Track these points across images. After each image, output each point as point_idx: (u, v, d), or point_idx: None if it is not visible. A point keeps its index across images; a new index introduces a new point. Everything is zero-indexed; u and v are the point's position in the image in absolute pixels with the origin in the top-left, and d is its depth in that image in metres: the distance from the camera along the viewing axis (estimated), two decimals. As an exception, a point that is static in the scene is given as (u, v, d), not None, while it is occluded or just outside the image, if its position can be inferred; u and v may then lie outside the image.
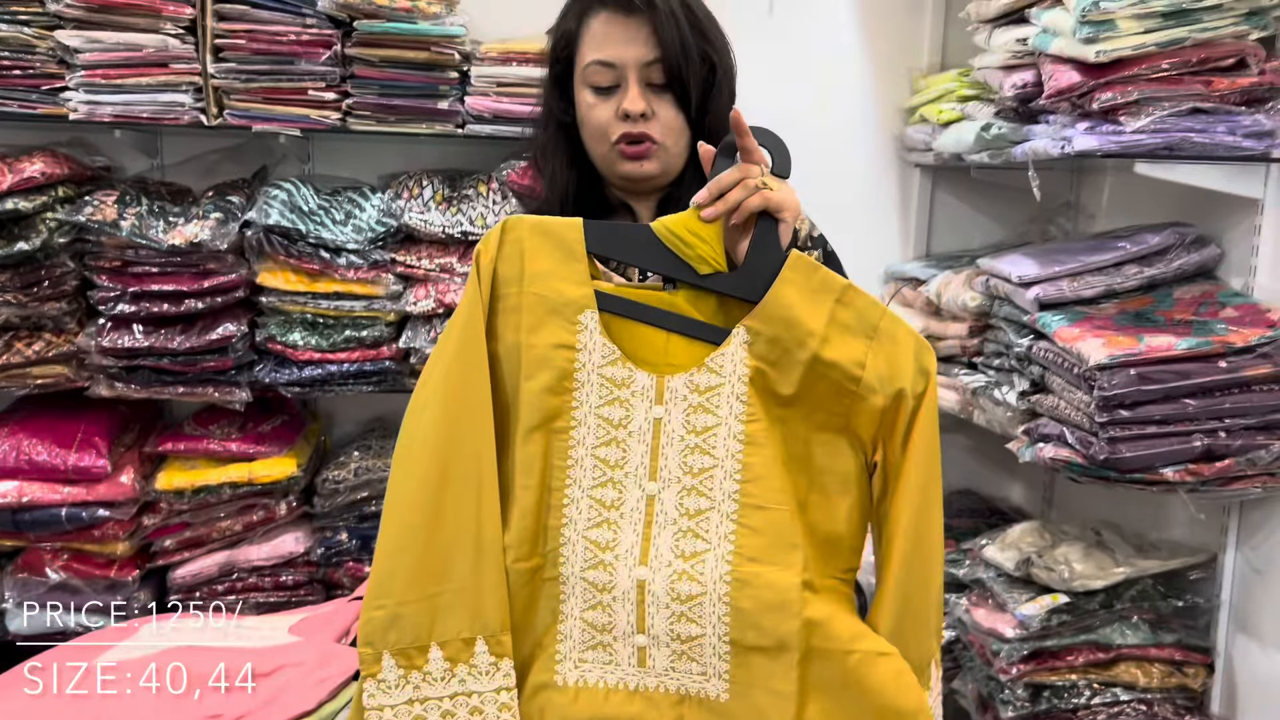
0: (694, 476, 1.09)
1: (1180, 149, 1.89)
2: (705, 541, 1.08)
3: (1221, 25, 1.87)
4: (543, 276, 1.10)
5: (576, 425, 1.10)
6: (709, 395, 1.09)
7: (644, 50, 1.27)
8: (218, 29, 2.22)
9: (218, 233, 2.19)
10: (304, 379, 2.31)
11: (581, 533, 1.10)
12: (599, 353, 1.10)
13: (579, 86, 1.33)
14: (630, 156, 1.31)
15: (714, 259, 1.11)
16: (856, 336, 1.08)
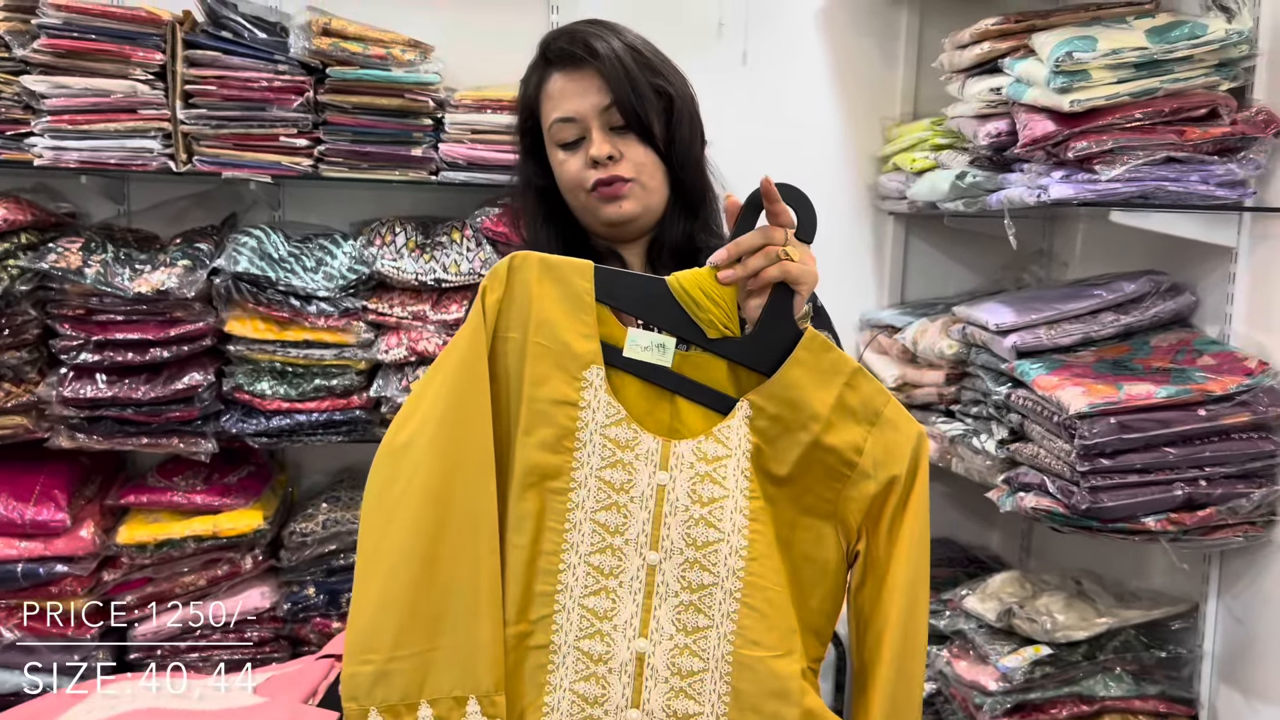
0: (697, 549, 1.05)
1: (1155, 198, 1.90)
2: (708, 618, 1.05)
3: (1192, 76, 1.90)
4: (549, 325, 1.07)
5: (576, 487, 1.06)
6: (716, 466, 1.06)
7: (599, 98, 1.30)
8: (188, 75, 2.19)
9: (185, 280, 2.14)
10: (272, 429, 2.26)
11: (578, 600, 1.05)
12: (603, 412, 1.06)
13: (550, 148, 1.36)
14: (607, 198, 1.32)
15: (726, 323, 1.09)
16: (859, 422, 1.07)
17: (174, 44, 2.18)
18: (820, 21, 2.76)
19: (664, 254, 1.38)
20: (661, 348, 1.09)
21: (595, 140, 1.31)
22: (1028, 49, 2.04)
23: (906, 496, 1.07)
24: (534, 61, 1.39)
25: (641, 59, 1.33)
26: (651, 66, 1.34)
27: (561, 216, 1.40)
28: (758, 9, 2.70)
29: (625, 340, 1.08)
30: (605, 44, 1.32)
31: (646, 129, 1.31)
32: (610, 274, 1.09)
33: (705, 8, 2.67)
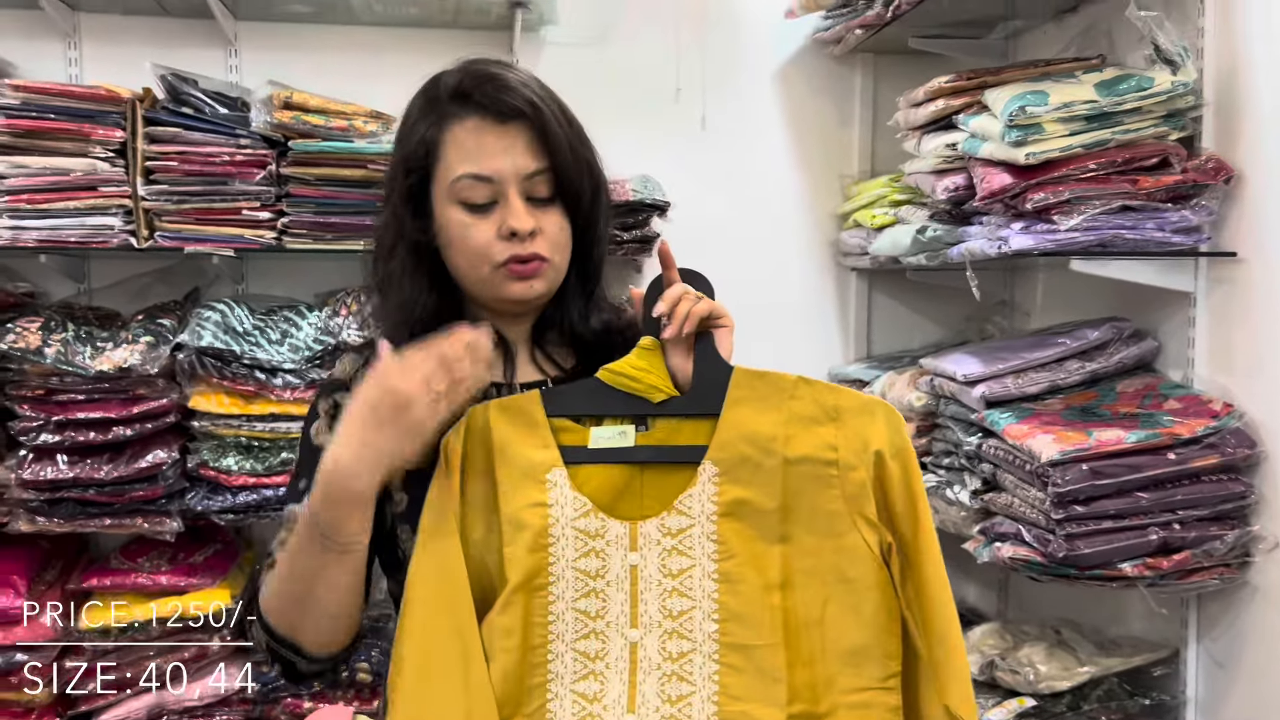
0: (674, 620, 1.07)
1: (1113, 245, 1.93)
2: (690, 684, 1.06)
3: (1142, 127, 1.94)
4: (509, 446, 1.10)
5: (555, 580, 1.08)
6: (680, 537, 1.08)
7: (525, 160, 1.14)
8: (149, 151, 2.19)
9: (148, 357, 2.12)
10: (238, 505, 2.22)
11: (569, 686, 1.07)
12: (570, 506, 1.08)
13: (444, 203, 1.15)
14: (520, 277, 1.16)
15: (663, 385, 1.11)
16: (820, 424, 1.08)
17: (134, 121, 2.18)
18: (776, 84, 2.81)
19: (550, 332, 1.26)
20: (622, 434, 1.12)
21: (515, 210, 1.13)
22: (981, 105, 2.08)
23: (901, 466, 1.07)
24: (435, 97, 1.17)
25: (574, 124, 1.19)
26: (582, 137, 1.20)
27: (441, 281, 1.21)
28: (714, 74, 2.74)
29: (589, 439, 1.12)
30: (539, 99, 1.15)
31: (575, 204, 1.18)
32: (553, 392, 1.13)
33: (663, 74, 2.71)
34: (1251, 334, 1.91)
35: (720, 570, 1.07)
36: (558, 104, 1.18)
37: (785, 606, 1.07)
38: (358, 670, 2.27)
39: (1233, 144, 1.93)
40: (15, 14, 2.38)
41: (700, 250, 2.55)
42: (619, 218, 2.41)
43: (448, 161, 1.15)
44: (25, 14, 2.36)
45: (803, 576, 1.07)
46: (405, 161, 1.18)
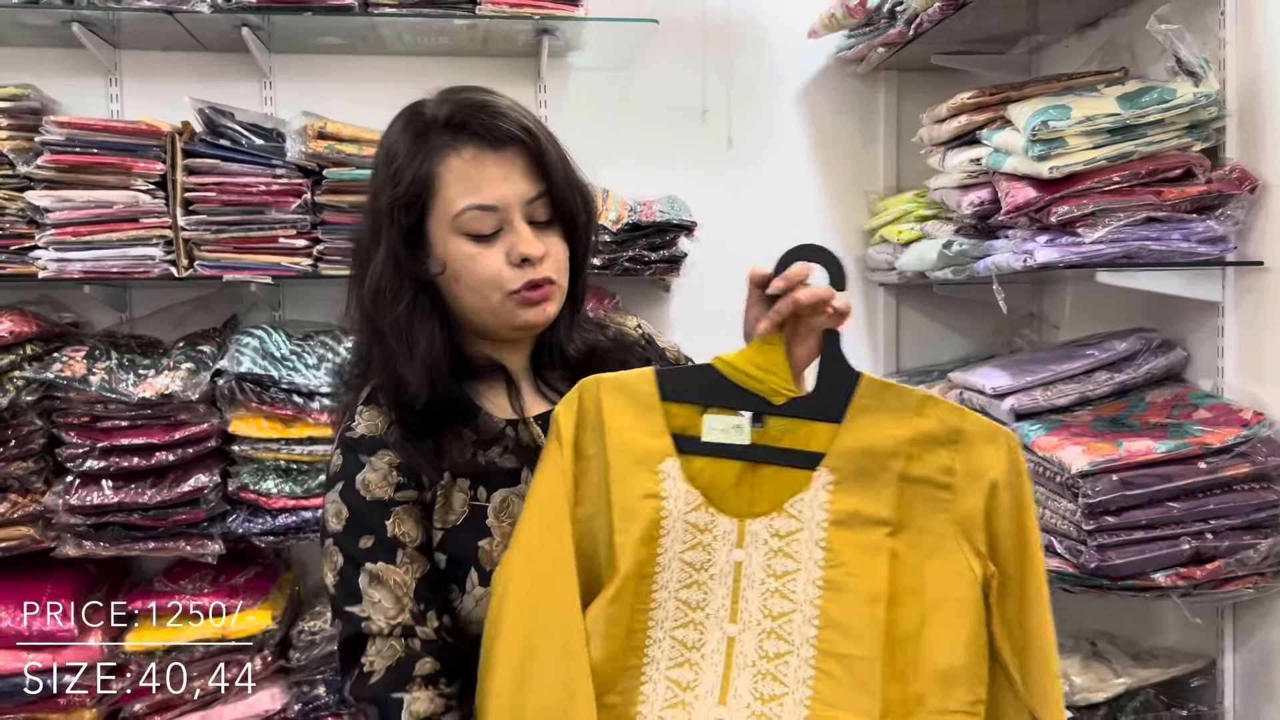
0: (774, 620, 1.08)
1: (1139, 257, 1.94)
2: (784, 685, 1.06)
3: (1165, 139, 1.95)
4: (622, 431, 1.11)
5: (661, 570, 1.09)
6: (788, 540, 1.08)
7: (524, 186, 1.14)
8: (188, 183, 2.25)
9: (189, 383, 2.17)
10: (278, 528, 2.26)
11: (664, 672, 1.08)
12: (683, 500, 1.10)
13: (446, 236, 1.14)
14: (532, 302, 1.16)
15: (785, 388, 1.11)
16: (941, 445, 1.07)
17: (174, 154, 2.24)
18: (801, 103, 2.84)
19: (547, 355, 1.26)
20: (738, 428, 1.11)
21: (524, 236, 1.13)
22: (1004, 120, 2.10)
23: (1015, 499, 1.05)
24: (422, 130, 1.15)
25: (560, 145, 1.19)
26: (568, 156, 1.19)
27: (439, 316, 1.18)
28: (740, 95, 2.78)
29: (703, 428, 1.12)
30: (531, 123, 1.15)
31: (572, 225, 1.19)
32: (666, 373, 1.13)
33: (689, 96, 2.75)
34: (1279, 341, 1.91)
35: (826, 578, 1.07)
36: (544, 127, 1.17)
37: (890, 619, 1.06)
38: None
39: (1257, 153, 1.94)
40: (59, 53, 2.46)
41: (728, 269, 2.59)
42: (647, 238, 2.44)
43: (447, 195, 1.13)
44: (68, 52, 2.44)
45: (906, 593, 1.06)
46: (398, 200, 1.14)
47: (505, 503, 1.17)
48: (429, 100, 1.18)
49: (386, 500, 1.12)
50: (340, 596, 1.11)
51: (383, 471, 1.13)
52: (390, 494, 1.13)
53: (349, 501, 1.13)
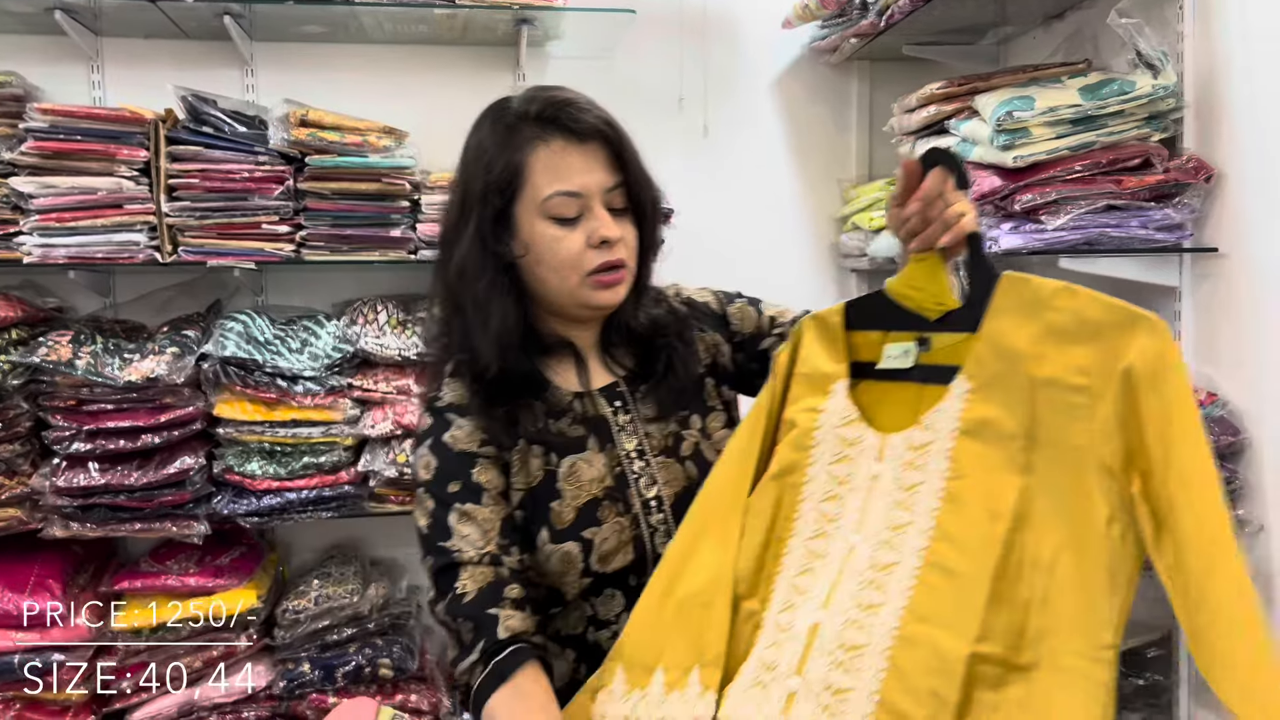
0: (892, 531, 1.05)
1: (1099, 243, 2.01)
2: (883, 594, 1.02)
3: (1125, 129, 2.02)
4: (810, 358, 1.18)
5: (809, 481, 1.13)
6: (920, 452, 1.06)
7: (604, 176, 1.24)
8: (171, 169, 2.27)
9: (174, 367, 2.20)
10: (263, 509, 2.30)
11: (790, 579, 1.10)
12: (840, 414, 1.13)
13: (532, 219, 1.24)
14: (606, 285, 1.26)
15: (936, 303, 1.11)
16: (1076, 342, 0.97)
17: (157, 141, 2.27)
18: (775, 92, 2.89)
19: (614, 333, 1.35)
20: (906, 352, 1.14)
21: (604, 220, 1.23)
22: (971, 110, 2.16)
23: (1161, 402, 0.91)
24: (511, 124, 1.26)
25: (633, 142, 1.29)
26: (638, 152, 1.29)
27: (516, 294, 1.28)
28: (715, 83, 2.82)
29: (881, 356, 1.16)
30: (611, 120, 1.27)
31: (644, 214, 1.29)
32: (852, 303, 1.19)
33: (666, 84, 2.79)
34: (1234, 326, 1.99)
35: (947, 490, 1.02)
36: (621, 125, 1.29)
37: (1012, 541, 0.97)
38: (380, 666, 2.35)
39: (1212, 144, 2.01)
40: (40, 40, 2.48)
41: (705, 254, 2.64)
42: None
43: (535, 182, 1.24)
44: (50, 40, 2.45)
45: (1041, 516, 0.97)
46: (490, 186, 1.24)
47: (573, 468, 1.27)
48: (516, 98, 1.29)
49: (472, 452, 1.24)
50: (432, 536, 1.22)
51: (468, 430, 1.26)
52: (475, 448, 1.25)
53: (438, 454, 1.25)
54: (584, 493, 1.26)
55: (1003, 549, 0.97)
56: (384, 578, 2.53)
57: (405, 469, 2.32)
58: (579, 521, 1.25)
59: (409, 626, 2.47)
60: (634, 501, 1.27)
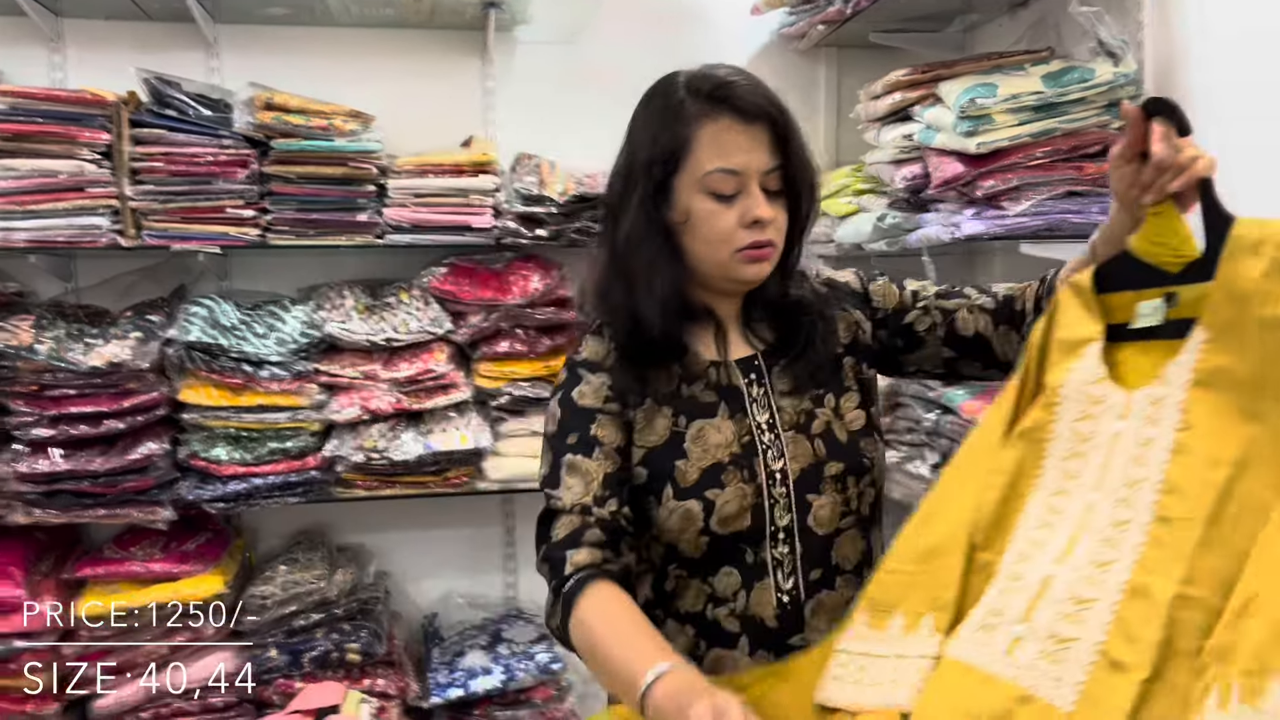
0: (1128, 488, 1.05)
1: (1060, 229, 2.03)
2: (1116, 551, 1.03)
3: (1086, 116, 2.04)
4: (1066, 325, 1.17)
5: (1053, 439, 1.13)
6: (1158, 406, 1.06)
7: (765, 158, 1.27)
8: (134, 153, 2.25)
9: (138, 352, 2.19)
10: (229, 494, 2.29)
11: (1028, 533, 1.11)
12: (1089, 374, 1.12)
13: (691, 192, 1.28)
14: (753, 259, 1.29)
15: (1176, 255, 1.09)
16: None
17: (119, 123, 2.25)
18: (743, 78, 2.89)
19: (755, 308, 1.37)
20: (1156, 309, 1.12)
21: (760, 201, 1.26)
22: (935, 97, 2.18)
23: None
24: (681, 100, 1.28)
25: (800, 129, 1.31)
26: (803, 138, 1.31)
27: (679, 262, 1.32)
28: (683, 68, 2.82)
29: (1135, 316, 1.14)
30: (780, 104, 1.29)
31: (798, 197, 1.31)
32: (1101, 266, 1.17)
33: (634, 70, 2.70)
34: (1191, 311, 2.02)
35: (1176, 441, 1.02)
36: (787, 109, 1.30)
37: (1231, 489, 0.97)
38: (347, 651, 2.35)
39: (1171, 132, 2.04)
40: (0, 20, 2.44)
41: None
42: (594, 210, 2.49)
43: (698, 157, 1.26)
44: (9, 20, 2.42)
45: (1268, 464, 0.96)
46: (655, 158, 1.28)
47: (701, 431, 1.30)
48: (686, 74, 1.31)
49: (594, 408, 1.30)
50: (544, 484, 1.29)
51: (595, 386, 1.31)
52: (599, 404, 1.30)
53: (564, 407, 1.31)
54: (709, 456, 1.28)
55: (1219, 495, 0.97)
56: (351, 563, 2.53)
57: (373, 454, 2.32)
58: (702, 482, 1.27)
59: (376, 612, 2.47)
60: (759, 471, 1.29)
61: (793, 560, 1.28)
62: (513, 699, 2.46)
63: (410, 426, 2.40)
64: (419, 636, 2.68)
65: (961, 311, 1.39)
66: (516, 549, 2.79)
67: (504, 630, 2.60)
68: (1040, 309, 1.30)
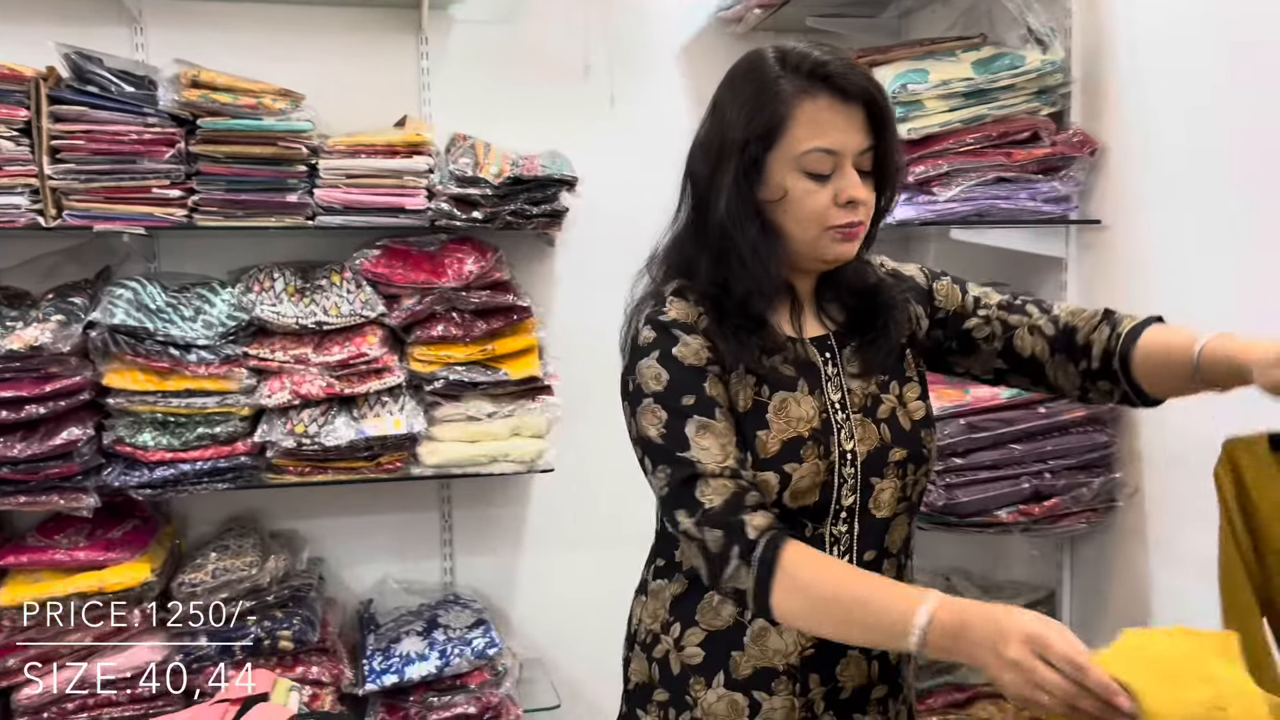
0: None
1: (989, 215, 2.06)
2: None
3: (1015, 103, 2.07)
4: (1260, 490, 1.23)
5: None
6: None
7: (860, 139, 1.26)
8: (54, 130, 2.19)
9: (60, 335, 2.13)
10: (156, 480, 2.25)
11: None
12: None
13: (785, 170, 1.27)
14: (843, 239, 1.29)
15: None
16: None
17: (38, 99, 2.18)
18: (682, 62, 2.89)
19: (830, 288, 1.38)
20: None
21: (854, 182, 1.26)
22: (869, 82, 2.19)
23: None
24: (778, 75, 1.27)
25: (893, 110, 1.31)
26: (894, 120, 1.32)
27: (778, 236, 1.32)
28: (622, 52, 2.81)
29: None
30: (877, 83, 1.28)
31: (886, 180, 1.31)
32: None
33: (572, 52, 2.77)
34: (1116, 296, 2.06)
35: None
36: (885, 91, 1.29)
37: None
38: (279, 639, 2.32)
39: (1097, 119, 2.08)
40: (-89, -9, 2.36)
41: (610, 224, 2.64)
42: (529, 193, 2.47)
43: (795, 134, 1.25)
44: (-79, -9, 2.34)
45: None
46: (751, 136, 1.26)
47: (784, 403, 1.29)
48: (777, 49, 1.30)
49: (702, 367, 1.27)
50: (668, 446, 1.25)
51: (695, 347, 1.28)
52: (704, 364, 1.27)
53: (668, 366, 1.27)
54: (791, 429, 1.28)
55: None
56: (284, 550, 2.50)
57: (304, 439, 2.29)
58: (782, 454, 1.27)
59: (310, 599, 2.45)
60: (834, 450, 1.29)
61: (850, 540, 1.30)
62: (449, 684, 2.45)
63: (343, 411, 2.37)
64: (354, 623, 2.66)
65: (1022, 329, 1.39)
66: (453, 534, 2.77)
67: (440, 616, 2.59)
68: (1110, 366, 1.31)
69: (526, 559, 2.77)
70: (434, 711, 2.40)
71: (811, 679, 1.30)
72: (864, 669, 1.32)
